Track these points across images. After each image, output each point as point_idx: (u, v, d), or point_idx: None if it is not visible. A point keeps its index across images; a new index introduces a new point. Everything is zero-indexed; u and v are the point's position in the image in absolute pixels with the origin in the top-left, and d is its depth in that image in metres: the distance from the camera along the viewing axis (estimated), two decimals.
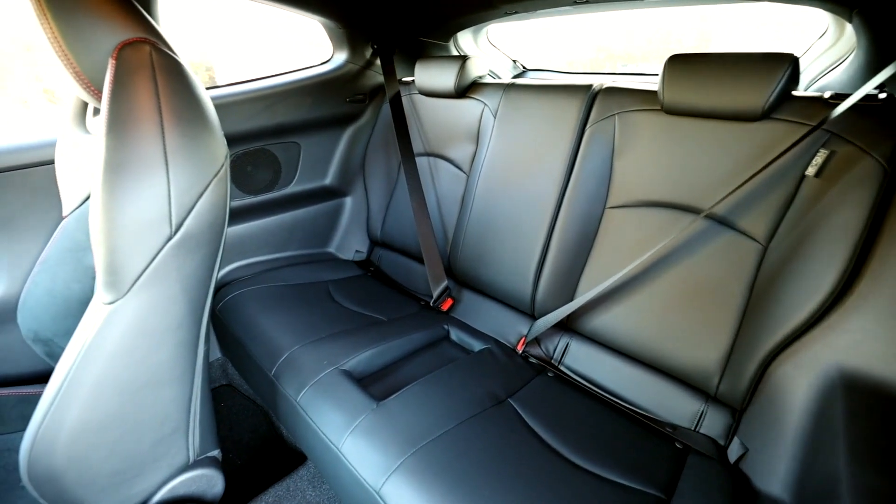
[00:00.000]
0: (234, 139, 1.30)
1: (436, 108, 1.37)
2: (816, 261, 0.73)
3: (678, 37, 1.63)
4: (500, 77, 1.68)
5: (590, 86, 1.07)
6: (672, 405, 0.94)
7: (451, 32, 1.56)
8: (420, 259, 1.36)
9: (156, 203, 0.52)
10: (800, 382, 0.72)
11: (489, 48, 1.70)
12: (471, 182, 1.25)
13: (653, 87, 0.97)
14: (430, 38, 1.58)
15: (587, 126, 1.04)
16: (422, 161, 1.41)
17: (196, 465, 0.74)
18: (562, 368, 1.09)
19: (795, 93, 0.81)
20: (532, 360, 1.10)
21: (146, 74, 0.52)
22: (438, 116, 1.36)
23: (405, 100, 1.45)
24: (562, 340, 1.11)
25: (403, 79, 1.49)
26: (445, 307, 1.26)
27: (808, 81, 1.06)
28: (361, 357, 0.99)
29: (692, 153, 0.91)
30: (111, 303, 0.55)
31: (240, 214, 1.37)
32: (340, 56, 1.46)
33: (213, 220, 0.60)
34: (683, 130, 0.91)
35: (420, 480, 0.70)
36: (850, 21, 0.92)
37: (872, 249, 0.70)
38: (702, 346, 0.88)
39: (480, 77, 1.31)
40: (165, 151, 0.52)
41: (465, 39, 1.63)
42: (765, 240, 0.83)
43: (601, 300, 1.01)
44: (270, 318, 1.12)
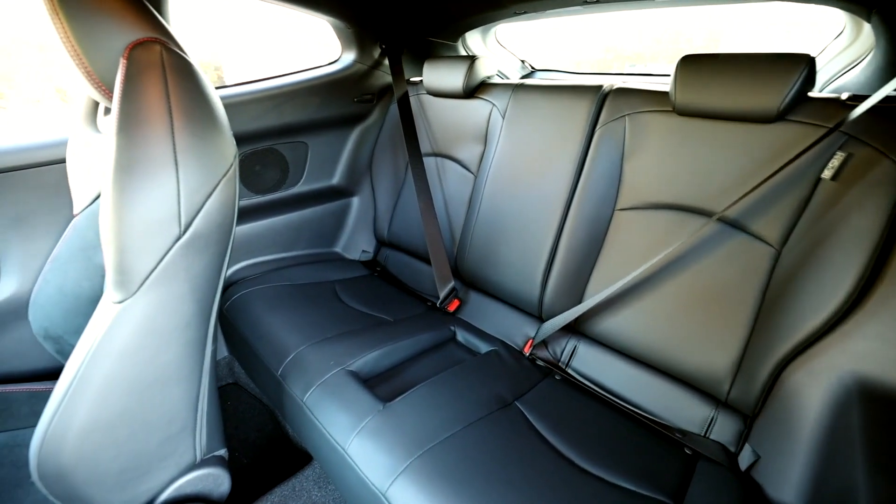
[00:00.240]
0: (243, 139, 1.30)
1: (444, 109, 1.36)
2: (832, 265, 0.72)
3: (688, 37, 1.61)
4: (509, 77, 1.67)
5: (600, 86, 1.06)
6: (681, 410, 0.93)
7: (460, 32, 1.56)
8: (427, 259, 1.36)
9: (165, 202, 0.52)
10: (814, 389, 0.71)
11: (498, 48, 1.70)
12: (478, 183, 1.25)
13: (663, 88, 0.96)
14: (439, 39, 1.57)
15: (597, 127, 1.03)
16: (429, 161, 1.41)
17: (203, 464, 0.74)
18: (569, 371, 1.08)
19: (811, 94, 0.79)
20: (539, 363, 1.09)
21: (156, 74, 0.52)
22: (446, 117, 1.36)
23: (413, 100, 1.44)
24: (569, 343, 1.10)
25: (411, 79, 1.48)
26: (452, 308, 1.26)
27: (823, 82, 1.04)
28: (368, 358, 0.99)
29: (704, 155, 0.89)
30: (120, 302, 0.55)
31: (247, 214, 1.38)
32: (349, 56, 1.46)
33: (222, 220, 0.60)
34: (695, 132, 0.90)
35: (427, 483, 0.69)
36: (869, 21, 0.90)
37: (891, 254, 0.69)
38: (712, 351, 0.87)
39: (489, 77, 1.31)
40: (175, 151, 0.52)
41: (474, 39, 1.62)
42: (778, 244, 0.82)
43: (610, 303, 1.00)
44: (277, 318, 1.12)
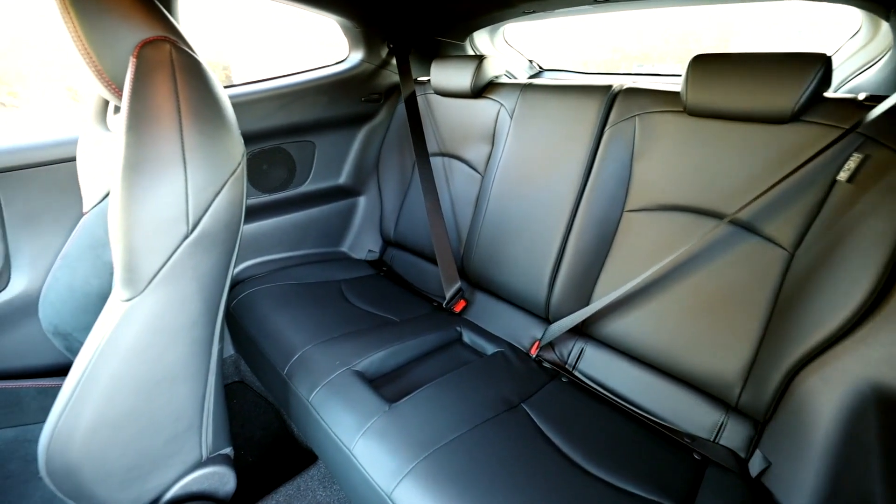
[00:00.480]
0: (250, 138, 1.31)
1: (451, 108, 1.36)
2: (848, 270, 0.70)
3: (696, 37, 1.59)
4: (517, 77, 1.66)
5: (609, 86, 1.05)
6: (690, 415, 0.92)
7: (468, 32, 1.55)
8: (433, 260, 1.35)
9: (173, 201, 0.52)
10: (828, 396, 0.69)
11: (506, 48, 1.69)
12: (486, 183, 1.24)
13: (674, 88, 0.95)
14: (447, 38, 1.57)
15: (606, 127, 1.02)
16: (436, 161, 1.40)
17: (209, 463, 0.74)
18: (576, 374, 1.07)
19: (827, 94, 0.78)
20: (546, 365, 1.08)
21: (166, 73, 0.52)
22: (454, 116, 1.35)
23: (420, 99, 1.44)
24: (576, 345, 1.09)
25: (419, 78, 1.48)
26: (458, 309, 1.25)
27: (838, 83, 1.03)
28: (374, 358, 0.99)
29: (716, 156, 0.88)
30: (128, 300, 0.55)
31: (254, 212, 1.38)
32: (356, 55, 1.46)
33: (230, 219, 0.60)
34: (707, 133, 0.89)
35: (432, 485, 0.69)
36: (888, 20, 0.88)
37: None
38: (723, 355, 0.85)
39: (497, 77, 1.30)
40: (183, 149, 0.52)
41: (482, 39, 1.62)
42: (791, 247, 0.80)
43: (618, 305, 0.99)
44: (283, 317, 1.13)
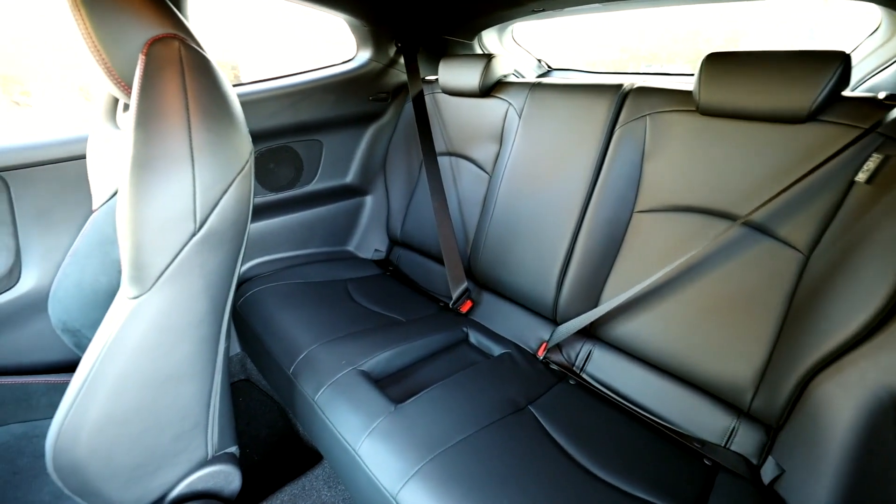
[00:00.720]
0: (258, 136, 1.31)
1: (459, 108, 1.35)
2: (865, 273, 0.68)
3: (706, 37, 1.57)
4: (525, 77, 1.65)
5: (620, 85, 1.03)
6: (701, 419, 0.90)
7: (476, 31, 1.54)
8: (439, 260, 1.35)
9: (181, 199, 0.52)
10: (845, 403, 0.68)
11: (514, 47, 1.68)
12: (493, 183, 1.23)
13: (685, 88, 0.93)
14: (455, 37, 1.56)
15: (616, 127, 1.01)
16: (444, 161, 1.39)
17: (214, 461, 0.74)
18: (584, 376, 1.05)
19: (845, 93, 0.76)
20: (553, 367, 1.07)
21: (175, 70, 0.52)
22: (461, 116, 1.34)
23: (428, 98, 1.43)
24: (584, 347, 1.08)
25: (427, 77, 1.47)
26: (465, 309, 1.24)
27: (856, 81, 1.00)
28: (380, 358, 0.98)
29: (729, 157, 0.86)
30: (135, 297, 0.55)
31: (262, 211, 1.38)
32: (364, 54, 1.46)
33: (237, 217, 0.59)
34: (720, 132, 0.87)
35: (438, 488, 0.68)
36: None
37: None
38: (734, 359, 0.84)
39: (505, 76, 1.29)
40: (192, 147, 0.52)
41: (490, 38, 1.61)
42: (807, 249, 0.79)
43: (627, 307, 0.97)
44: (290, 316, 1.12)
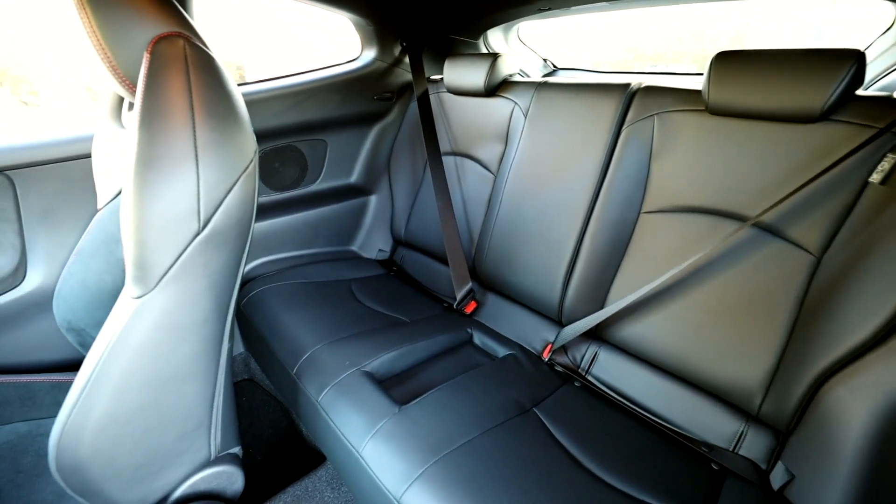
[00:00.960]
0: (262, 136, 1.30)
1: (464, 107, 1.34)
2: (880, 276, 0.67)
3: (711, 37, 1.55)
4: (530, 76, 1.64)
5: (627, 84, 1.02)
6: (708, 423, 0.89)
7: (482, 30, 1.54)
8: (444, 260, 1.34)
9: (184, 198, 0.52)
10: (858, 408, 0.66)
11: (520, 46, 1.67)
12: (498, 183, 1.22)
13: (693, 87, 0.92)
14: (460, 36, 1.55)
15: (623, 126, 0.99)
16: (448, 160, 1.39)
17: (217, 462, 0.74)
18: (590, 378, 1.04)
19: (859, 92, 0.74)
20: (558, 369, 1.06)
21: (179, 68, 0.51)
22: (467, 115, 1.34)
23: (433, 98, 1.43)
24: (590, 349, 1.07)
25: (432, 77, 1.47)
26: (469, 310, 1.24)
27: (868, 80, 0.99)
28: (384, 359, 0.98)
29: (738, 157, 0.85)
30: (139, 297, 0.55)
31: (266, 211, 1.38)
32: (369, 53, 1.45)
33: (241, 217, 0.59)
34: (729, 132, 0.86)
35: (442, 491, 0.67)
36: None
37: None
38: (743, 362, 0.82)
39: (511, 75, 1.28)
40: (196, 146, 0.52)
41: (496, 37, 1.60)
42: (818, 251, 0.77)
43: (634, 309, 0.96)
44: (293, 316, 1.12)
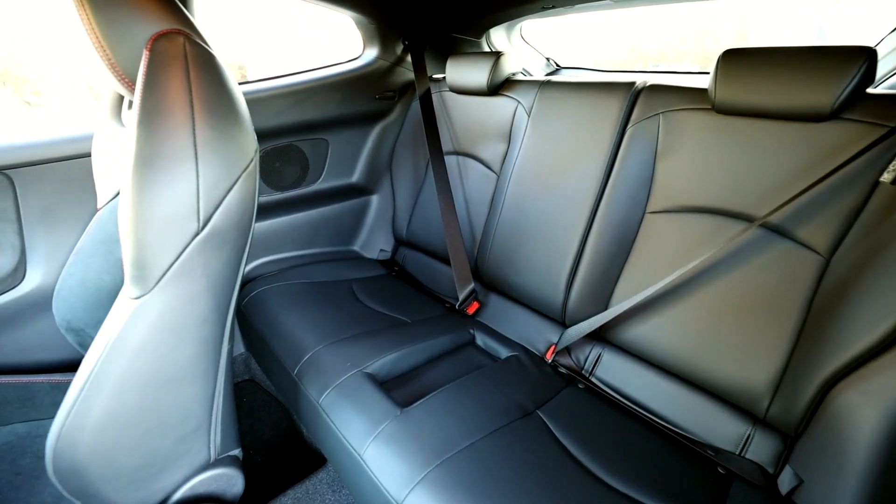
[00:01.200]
0: (264, 135, 1.30)
1: (467, 106, 1.33)
2: (890, 277, 0.66)
3: (714, 36, 1.54)
4: (533, 75, 1.63)
5: (632, 83, 1.01)
6: (714, 426, 0.87)
7: (484, 29, 1.52)
8: (446, 260, 1.33)
9: (184, 197, 0.51)
10: (868, 412, 0.65)
11: (522, 45, 1.65)
12: (501, 182, 1.21)
13: (699, 85, 0.91)
14: (463, 35, 1.54)
15: (628, 125, 0.98)
16: (451, 160, 1.38)
17: (217, 464, 0.73)
18: (593, 380, 1.03)
19: (870, 90, 0.73)
20: (562, 370, 1.05)
21: (179, 66, 0.51)
22: (469, 114, 1.33)
23: (435, 97, 1.42)
24: (594, 350, 1.06)
25: (434, 76, 1.46)
26: (471, 311, 1.23)
27: (878, 78, 0.97)
28: (385, 360, 0.97)
29: (745, 156, 0.84)
30: (138, 297, 0.54)
31: (266, 210, 1.37)
32: (371, 52, 1.44)
33: (241, 217, 0.58)
34: (736, 131, 0.85)
35: (445, 495, 0.66)
36: None
37: None
38: (750, 365, 0.81)
39: (514, 74, 1.27)
40: (195, 145, 0.51)
41: (498, 36, 1.59)
42: (827, 252, 0.76)
43: (638, 310, 0.95)
44: (294, 316, 1.11)
